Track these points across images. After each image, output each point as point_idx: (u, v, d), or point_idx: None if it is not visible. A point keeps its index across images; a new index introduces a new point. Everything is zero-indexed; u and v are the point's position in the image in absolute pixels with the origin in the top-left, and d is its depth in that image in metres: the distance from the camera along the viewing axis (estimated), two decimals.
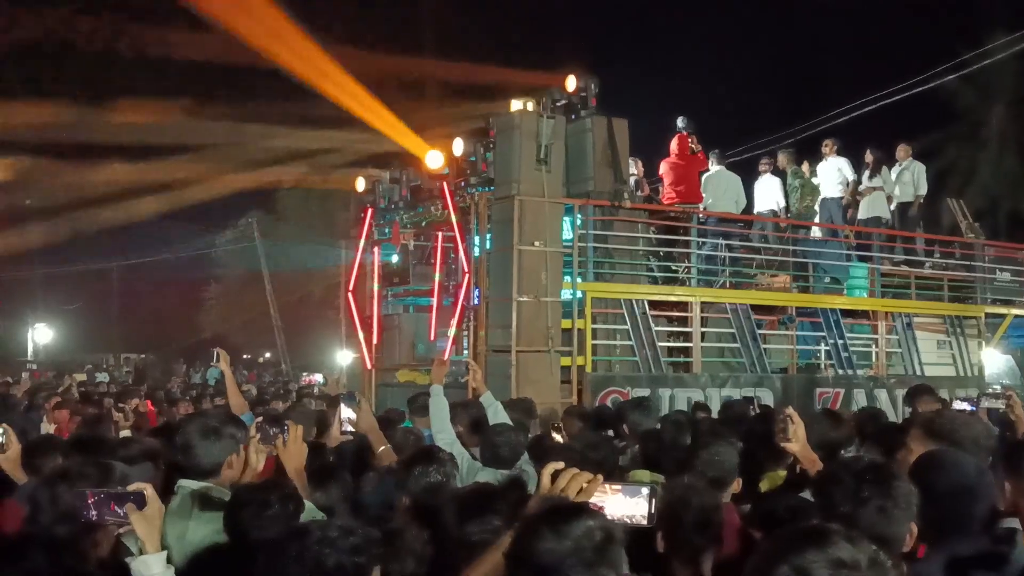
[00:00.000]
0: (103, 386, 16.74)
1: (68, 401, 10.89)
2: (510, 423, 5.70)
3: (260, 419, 4.04)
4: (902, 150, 14.77)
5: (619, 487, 2.48)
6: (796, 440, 3.99)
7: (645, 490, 2.46)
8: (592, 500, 2.42)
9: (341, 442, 5.35)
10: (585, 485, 2.44)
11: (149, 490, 2.95)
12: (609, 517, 2.37)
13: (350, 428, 5.11)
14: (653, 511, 2.44)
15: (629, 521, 2.43)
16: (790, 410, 4.08)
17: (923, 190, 14.55)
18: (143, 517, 2.89)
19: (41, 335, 44.04)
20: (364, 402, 5.22)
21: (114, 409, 8.30)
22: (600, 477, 2.47)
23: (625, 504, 2.44)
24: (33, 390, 14.35)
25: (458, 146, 10.94)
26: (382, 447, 4.95)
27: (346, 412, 5.09)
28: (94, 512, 2.90)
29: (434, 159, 11.31)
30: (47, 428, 9.18)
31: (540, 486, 2.51)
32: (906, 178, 14.51)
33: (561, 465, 2.55)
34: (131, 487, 2.99)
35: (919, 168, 14.61)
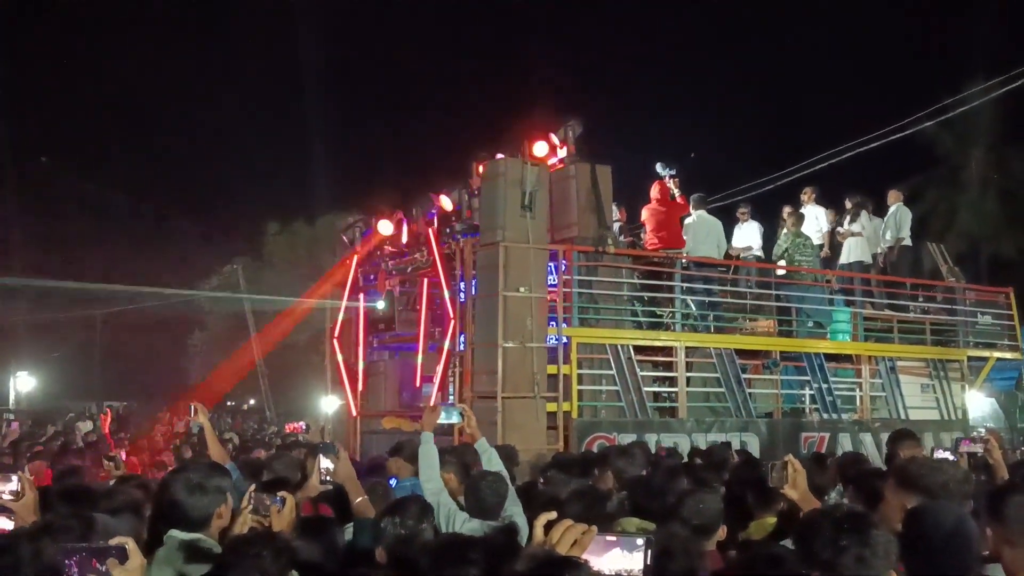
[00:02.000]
0: (89, 435, 16.60)
1: (46, 452, 10.81)
2: (503, 470, 5.66)
3: (253, 488, 4.02)
4: (892, 195, 14.90)
5: (614, 539, 2.45)
6: (797, 488, 4.03)
7: (640, 541, 2.43)
8: (589, 552, 2.41)
9: (320, 492, 5.30)
10: (580, 537, 2.42)
11: (131, 544, 2.94)
12: (603, 571, 2.35)
13: (329, 478, 5.08)
14: (649, 563, 2.41)
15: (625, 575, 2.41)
16: (791, 457, 4.12)
17: (904, 233, 14.69)
18: (125, 572, 2.88)
19: (23, 383, 43.60)
20: (343, 452, 5.19)
21: (104, 458, 8.26)
22: (595, 529, 2.44)
23: (620, 557, 2.41)
24: (18, 441, 14.24)
25: (446, 202, 11.07)
26: (359, 498, 4.91)
27: (324, 462, 5.06)
28: (76, 570, 2.89)
29: (384, 227, 12.06)
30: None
31: (534, 537, 2.50)
32: (891, 223, 14.65)
33: (554, 515, 2.54)
34: (112, 541, 2.98)
35: (904, 213, 14.75)
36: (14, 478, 4.17)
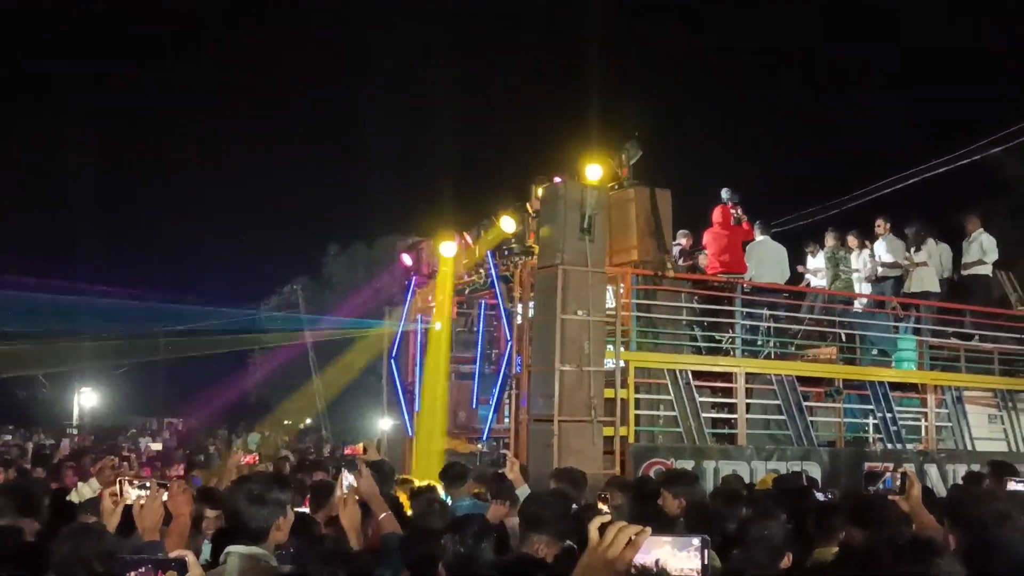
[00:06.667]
0: (149, 452, 16.88)
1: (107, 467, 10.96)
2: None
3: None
4: (973, 222, 14.46)
5: (668, 539, 2.44)
6: (910, 498, 4.04)
7: (696, 541, 2.42)
8: (642, 553, 2.39)
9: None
10: (633, 537, 2.40)
11: (190, 556, 2.96)
12: (661, 568, 2.35)
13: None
14: (707, 563, 2.40)
15: (685, 574, 2.39)
16: (907, 468, 4.16)
17: (990, 258, 14.30)
18: None
19: (87, 399, 44.56)
20: (364, 468, 5.11)
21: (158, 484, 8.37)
22: (648, 529, 2.42)
23: (676, 557, 2.41)
24: (75, 454, 14.54)
25: (507, 224, 11.00)
26: (383, 514, 4.85)
27: (348, 479, 4.98)
28: None
29: (447, 248, 11.77)
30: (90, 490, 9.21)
31: (589, 540, 2.47)
32: (974, 249, 14.23)
33: (608, 518, 2.52)
34: (173, 554, 3.00)
35: (988, 238, 14.31)
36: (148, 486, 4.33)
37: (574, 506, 6.06)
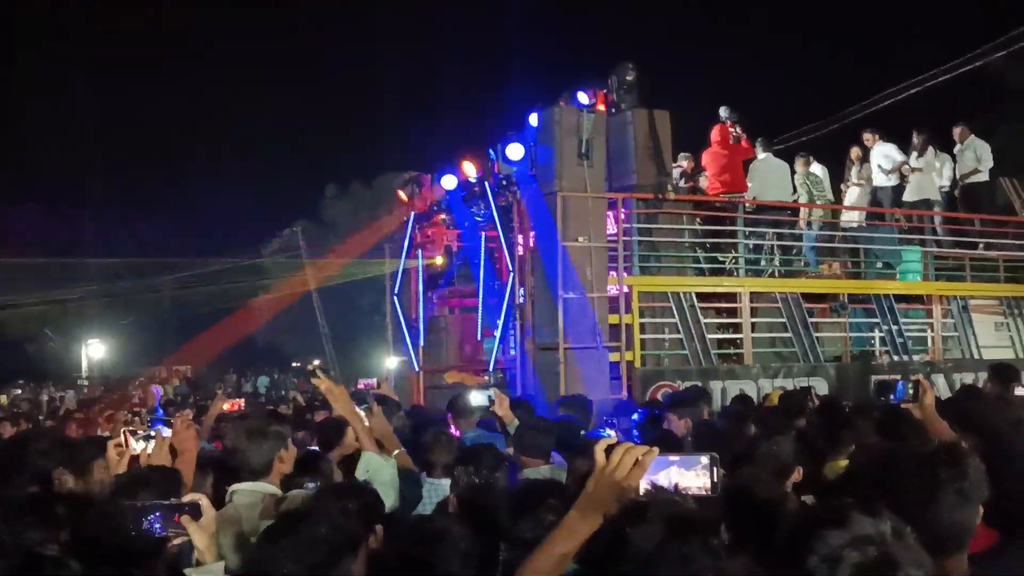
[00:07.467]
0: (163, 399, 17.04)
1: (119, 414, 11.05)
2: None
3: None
4: (961, 132, 14.31)
5: (676, 459, 2.42)
6: (924, 406, 4.15)
7: (705, 459, 2.40)
8: (649, 474, 2.37)
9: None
10: (640, 457, 2.37)
11: (203, 500, 2.94)
12: (671, 487, 2.34)
13: None
14: (716, 480, 2.38)
15: (693, 492, 2.38)
16: (920, 377, 4.21)
17: (987, 164, 14.16)
18: (199, 528, 2.87)
19: (95, 350, 44.74)
20: (376, 406, 5.10)
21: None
22: (655, 450, 2.39)
23: (684, 476, 2.39)
24: (83, 405, 14.68)
25: (514, 152, 10.72)
26: (396, 451, 4.85)
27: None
28: (159, 525, 2.87)
29: (448, 181, 11.83)
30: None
31: (595, 463, 2.44)
32: (968, 157, 14.10)
33: (614, 440, 2.49)
34: (185, 498, 2.97)
35: (981, 145, 14.17)
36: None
37: (582, 432, 6.09)
